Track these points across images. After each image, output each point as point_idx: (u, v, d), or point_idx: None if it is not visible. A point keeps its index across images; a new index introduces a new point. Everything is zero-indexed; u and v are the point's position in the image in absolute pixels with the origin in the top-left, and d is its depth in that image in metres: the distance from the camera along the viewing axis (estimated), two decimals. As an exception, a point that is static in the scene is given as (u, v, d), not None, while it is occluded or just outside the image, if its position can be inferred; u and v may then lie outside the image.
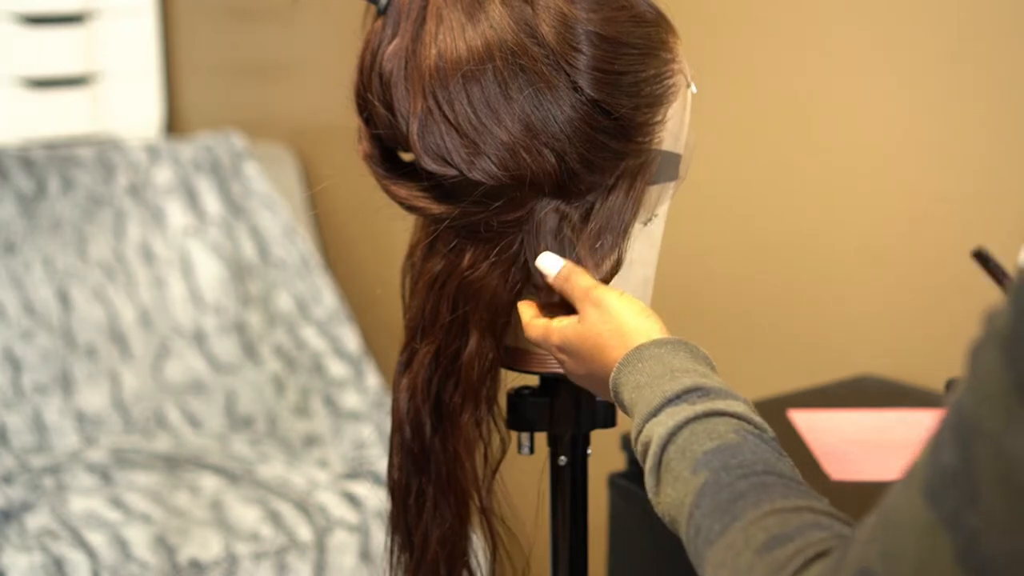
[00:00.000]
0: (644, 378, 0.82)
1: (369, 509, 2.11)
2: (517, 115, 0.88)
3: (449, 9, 0.88)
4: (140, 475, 2.22)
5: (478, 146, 0.88)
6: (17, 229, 2.48)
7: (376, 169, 0.94)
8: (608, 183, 0.92)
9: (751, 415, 0.79)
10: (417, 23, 0.89)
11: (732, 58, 1.86)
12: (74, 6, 2.87)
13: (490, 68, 0.87)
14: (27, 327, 2.41)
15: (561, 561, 1.03)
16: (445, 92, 0.87)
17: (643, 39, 0.91)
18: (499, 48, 0.87)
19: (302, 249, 2.61)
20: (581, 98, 0.88)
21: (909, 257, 1.71)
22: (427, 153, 0.89)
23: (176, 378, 2.47)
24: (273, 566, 2.01)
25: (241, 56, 2.99)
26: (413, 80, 0.88)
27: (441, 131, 0.88)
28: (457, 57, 0.87)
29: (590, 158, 0.90)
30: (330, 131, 2.63)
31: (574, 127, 0.89)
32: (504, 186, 0.89)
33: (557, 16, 0.88)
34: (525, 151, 0.88)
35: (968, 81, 1.62)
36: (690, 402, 0.79)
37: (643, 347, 0.84)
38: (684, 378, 0.81)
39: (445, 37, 0.88)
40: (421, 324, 0.97)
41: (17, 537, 2.00)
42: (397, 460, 1.00)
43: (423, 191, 0.92)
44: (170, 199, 2.60)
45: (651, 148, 0.92)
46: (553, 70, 0.87)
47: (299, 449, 2.36)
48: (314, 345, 2.52)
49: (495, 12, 0.88)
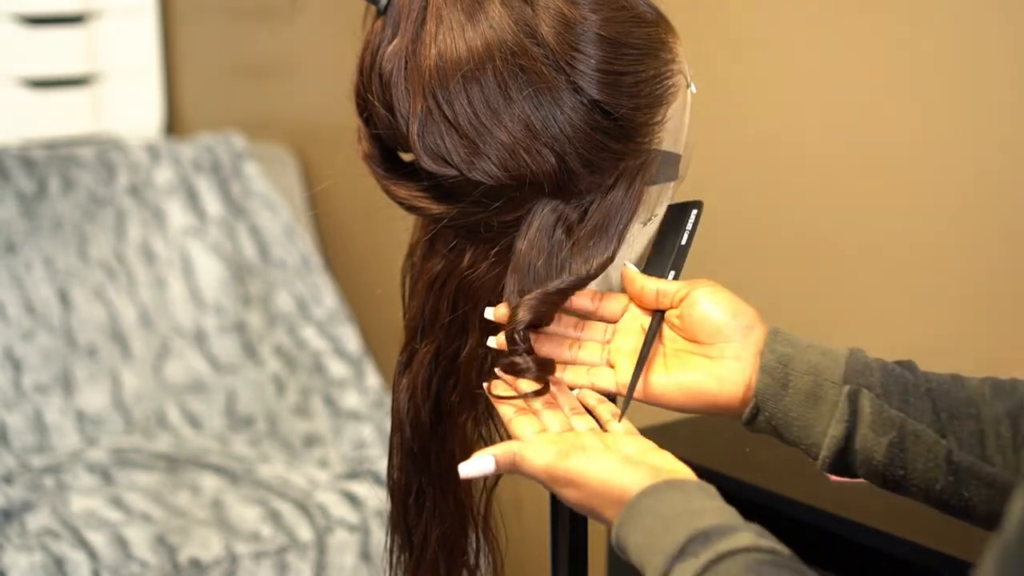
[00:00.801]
0: (643, 538, 0.79)
1: (369, 509, 2.11)
2: (517, 115, 0.87)
3: (449, 9, 0.88)
4: (141, 475, 2.22)
5: (478, 146, 0.88)
6: (18, 229, 2.48)
7: (376, 169, 0.94)
8: (607, 183, 0.91)
9: (759, 541, 0.76)
10: (417, 23, 0.89)
11: (731, 57, 1.86)
12: (74, 6, 2.87)
13: (490, 68, 0.87)
14: (28, 327, 2.42)
15: (561, 561, 1.03)
16: (445, 92, 0.87)
17: (643, 39, 0.91)
18: (499, 48, 0.87)
19: (302, 249, 2.62)
20: (581, 99, 0.88)
21: (909, 259, 1.71)
22: (427, 153, 0.89)
23: (176, 378, 2.48)
24: (273, 566, 2.01)
25: (241, 56, 2.99)
26: (413, 80, 0.88)
27: (441, 131, 0.88)
28: (457, 57, 0.87)
29: (590, 158, 0.89)
30: (330, 131, 2.63)
31: (574, 127, 0.88)
32: (504, 186, 0.89)
33: (557, 16, 0.87)
34: (525, 151, 0.88)
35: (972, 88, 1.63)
36: (694, 554, 0.76)
37: (633, 504, 0.81)
38: (681, 527, 0.78)
39: (445, 37, 0.87)
40: (421, 324, 0.97)
41: (18, 537, 2.00)
42: (397, 460, 1.00)
43: (423, 191, 0.92)
44: (170, 199, 2.60)
45: (651, 148, 0.92)
46: (553, 71, 0.87)
47: (299, 449, 2.37)
48: (314, 345, 2.53)
49: (495, 12, 0.88)
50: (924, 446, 0.87)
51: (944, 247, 1.67)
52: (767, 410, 0.90)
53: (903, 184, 1.71)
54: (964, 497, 0.87)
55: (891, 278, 1.74)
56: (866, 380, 0.88)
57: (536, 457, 0.86)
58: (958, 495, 0.87)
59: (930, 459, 0.87)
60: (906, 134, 1.70)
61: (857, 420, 0.87)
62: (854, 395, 0.88)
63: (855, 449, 0.88)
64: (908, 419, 0.87)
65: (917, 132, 1.68)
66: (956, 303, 1.66)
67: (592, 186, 0.91)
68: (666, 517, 0.79)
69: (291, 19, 2.77)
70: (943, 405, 0.88)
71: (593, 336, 0.96)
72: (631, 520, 0.81)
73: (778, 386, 0.89)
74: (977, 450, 0.87)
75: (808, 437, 0.89)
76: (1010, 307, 1.60)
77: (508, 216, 0.91)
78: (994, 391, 0.88)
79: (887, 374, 0.89)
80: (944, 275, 1.67)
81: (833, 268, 1.80)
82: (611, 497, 0.83)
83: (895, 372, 0.89)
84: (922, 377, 0.90)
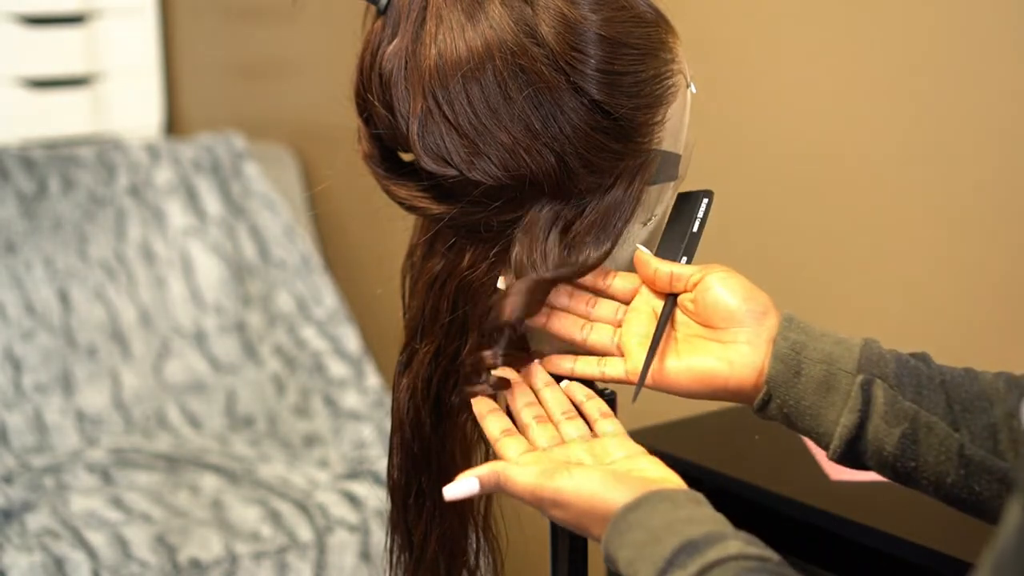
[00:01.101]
0: (631, 552, 0.79)
1: (369, 509, 2.11)
2: (517, 115, 0.87)
3: (449, 9, 0.88)
4: (141, 475, 2.22)
5: (478, 146, 0.88)
6: (18, 229, 2.48)
7: (376, 169, 0.94)
8: (607, 183, 0.91)
9: (748, 549, 0.76)
10: (417, 23, 0.89)
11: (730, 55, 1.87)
12: (74, 6, 2.87)
13: (490, 68, 0.87)
14: (28, 327, 2.42)
15: (561, 560, 1.03)
16: (445, 92, 0.87)
17: (643, 39, 0.91)
18: (499, 48, 0.87)
19: (302, 249, 2.62)
20: (582, 99, 0.88)
21: (909, 260, 1.71)
22: (427, 153, 0.89)
23: (176, 378, 2.48)
24: (273, 566, 2.02)
25: (241, 56, 2.99)
26: (413, 80, 0.88)
27: (441, 131, 0.88)
28: (457, 57, 0.87)
29: (590, 159, 0.90)
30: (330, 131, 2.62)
31: (574, 128, 0.88)
32: (504, 186, 0.89)
33: (557, 16, 0.88)
34: (525, 152, 0.88)
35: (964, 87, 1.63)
36: (682, 566, 0.76)
37: (620, 518, 0.81)
38: (670, 538, 0.78)
39: (445, 37, 0.87)
40: (421, 324, 0.97)
41: (18, 537, 2.00)
42: (397, 460, 1.00)
43: (423, 191, 0.92)
44: (170, 199, 2.60)
45: (651, 148, 0.92)
46: (553, 71, 0.87)
47: (299, 449, 2.37)
48: (314, 345, 2.53)
49: (495, 12, 0.88)
50: (936, 439, 0.86)
51: (951, 246, 1.67)
52: (779, 397, 0.90)
53: (905, 182, 1.71)
54: (975, 492, 0.86)
55: (895, 277, 1.74)
56: (880, 370, 0.88)
57: (520, 477, 0.85)
58: (968, 489, 0.87)
59: (942, 452, 0.86)
60: (907, 133, 1.70)
61: (870, 410, 0.87)
62: (867, 385, 0.87)
63: (867, 439, 0.87)
64: (921, 411, 0.87)
65: (917, 131, 1.68)
66: (961, 302, 1.66)
67: (592, 186, 0.91)
68: (654, 529, 0.78)
69: (291, 19, 2.77)
70: (956, 398, 0.87)
71: (604, 315, 0.96)
72: (619, 535, 0.80)
73: (790, 374, 0.89)
74: (989, 444, 0.86)
75: (819, 426, 0.89)
76: (1018, 307, 1.60)
77: (508, 216, 0.92)
78: (1008, 385, 0.88)
79: (901, 365, 0.89)
80: (948, 274, 1.67)
81: (831, 269, 1.80)
82: (597, 515, 0.82)
83: (909, 364, 0.89)
84: (936, 369, 0.89)
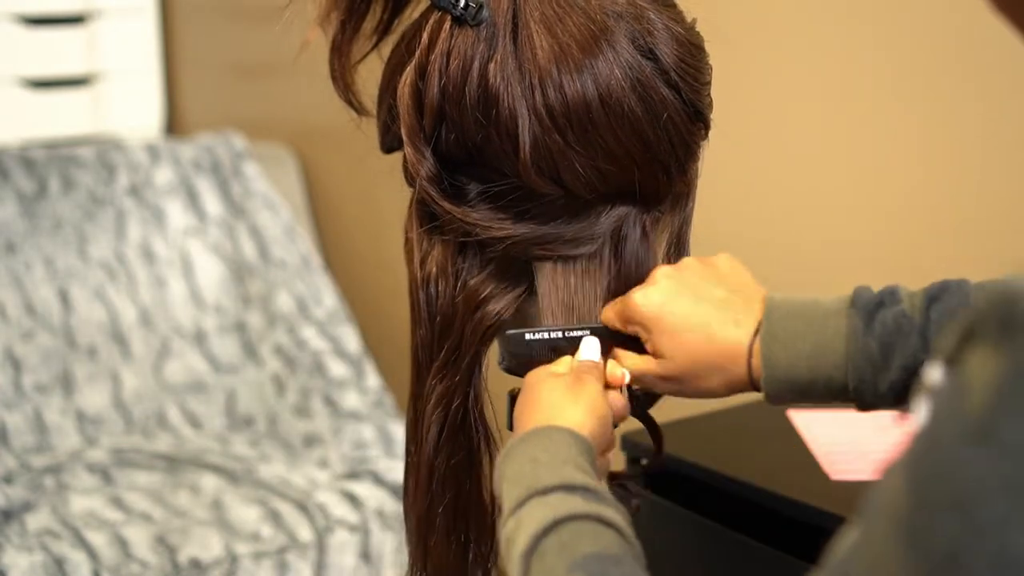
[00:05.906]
0: (545, 455, 0.81)
1: (369, 509, 2.11)
2: (633, 129, 0.89)
3: (562, 26, 0.88)
4: (141, 475, 2.22)
5: (590, 161, 0.89)
6: (18, 229, 2.48)
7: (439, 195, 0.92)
8: (684, 190, 0.96)
9: (628, 529, 0.78)
10: (524, 38, 0.88)
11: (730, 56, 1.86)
12: (74, 6, 2.87)
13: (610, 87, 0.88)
14: (28, 327, 2.42)
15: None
16: (564, 108, 0.87)
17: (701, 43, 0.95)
18: (618, 67, 0.88)
19: (302, 249, 2.62)
20: (686, 108, 0.91)
21: (907, 259, 1.71)
22: (538, 172, 0.89)
23: (176, 378, 2.48)
24: (273, 566, 2.02)
25: (241, 56, 2.99)
26: (527, 97, 0.88)
27: (551, 149, 0.88)
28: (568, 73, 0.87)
29: (685, 166, 0.94)
30: (330, 131, 2.63)
31: (679, 136, 0.91)
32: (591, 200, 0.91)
33: (667, 32, 0.90)
34: (639, 166, 0.90)
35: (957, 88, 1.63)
36: (584, 498, 0.77)
37: (555, 428, 0.84)
38: (581, 475, 0.80)
39: (558, 53, 0.87)
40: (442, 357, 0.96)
41: (18, 537, 2.00)
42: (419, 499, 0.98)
43: (495, 212, 0.92)
44: (170, 199, 2.61)
45: None
46: (663, 83, 0.89)
47: (299, 449, 2.37)
48: (314, 345, 2.53)
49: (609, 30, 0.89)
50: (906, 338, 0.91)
51: (951, 246, 1.67)
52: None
53: (898, 184, 1.71)
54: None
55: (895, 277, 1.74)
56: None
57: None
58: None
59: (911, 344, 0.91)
60: (903, 135, 1.70)
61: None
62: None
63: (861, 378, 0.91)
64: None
65: (914, 132, 1.69)
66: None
67: (676, 193, 0.96)
68: (575, 459, 0.81)
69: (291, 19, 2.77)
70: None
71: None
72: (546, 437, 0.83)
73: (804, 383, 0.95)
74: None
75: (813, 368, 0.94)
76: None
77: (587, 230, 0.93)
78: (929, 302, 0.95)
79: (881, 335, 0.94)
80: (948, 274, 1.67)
81: (830, 269, 1.80)
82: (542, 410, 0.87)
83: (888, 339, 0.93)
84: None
